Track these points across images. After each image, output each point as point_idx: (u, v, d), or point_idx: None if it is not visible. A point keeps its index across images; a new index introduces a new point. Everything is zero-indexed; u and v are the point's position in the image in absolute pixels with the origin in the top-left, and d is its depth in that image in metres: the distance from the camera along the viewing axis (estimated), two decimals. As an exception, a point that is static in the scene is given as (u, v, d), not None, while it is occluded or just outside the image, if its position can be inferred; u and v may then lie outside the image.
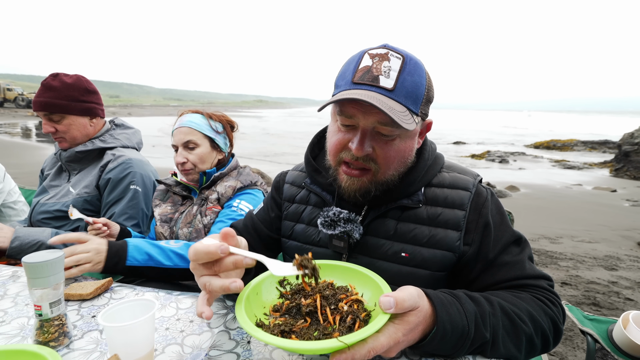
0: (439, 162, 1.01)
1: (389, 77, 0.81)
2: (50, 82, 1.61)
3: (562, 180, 9.41)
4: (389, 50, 0.84)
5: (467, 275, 0.93)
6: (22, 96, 35.04)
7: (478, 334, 0.72)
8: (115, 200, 1.64)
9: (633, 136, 10.69)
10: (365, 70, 0.82)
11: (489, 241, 0.91)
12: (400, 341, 0.64)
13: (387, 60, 0.82)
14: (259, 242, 1.14)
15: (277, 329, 0.66)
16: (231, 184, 1.58)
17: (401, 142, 0.87)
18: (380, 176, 0.89)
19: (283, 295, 0.78)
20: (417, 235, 0.93)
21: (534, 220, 5.65)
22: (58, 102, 1.61)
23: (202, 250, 0.63)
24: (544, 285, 0.89)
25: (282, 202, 1.14)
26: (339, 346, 0.57)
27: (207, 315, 0.64)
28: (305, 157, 1.11)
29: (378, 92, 0.80)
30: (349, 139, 0.86)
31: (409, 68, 0.83)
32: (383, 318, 0.61)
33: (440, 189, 0.96)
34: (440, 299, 0.71)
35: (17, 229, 1.44)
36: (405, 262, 0.92)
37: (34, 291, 0.77)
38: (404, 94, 0.81)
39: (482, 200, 0.95)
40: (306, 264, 0.72)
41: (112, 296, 1.04)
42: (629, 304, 3.13)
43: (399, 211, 0.96)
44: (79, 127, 1.68)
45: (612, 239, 4.91)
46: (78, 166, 1.73)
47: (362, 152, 0.84)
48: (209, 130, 1.59)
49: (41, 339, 0.78)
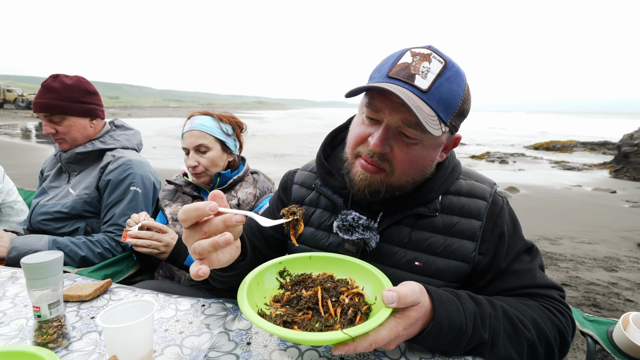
0: (457, 170, 0.99)
1: (425, 78, 0.77)
2: (50, 84, 1.61)
3: (561, 181, 9.41)
4: (432, 52, 0.80)
5: (478, 282, 0.92)
6: (22, 97, 35.05)
7: (476, 334, 0.72)
8: (115, 201, 1.64)
9: (632, 137, 10.70)
10: (403, 66, 0.79)
11: (503, 251, 0.90)
12: (401, 335, 0.65)
13: (427, 61, 0.78)
14: (264, 243, 1.11)
15: (280, 320, 0.67)
16: (251, 191, 1.63)
17: (423, 149, 0.83)
18: (393, 180, 0.86)
19: (283, 286, 0.79)
20: (432, 244, 0.91)
21: (534, 222, 5.65)
22: (58, 103, 1.61)
23: (191, 208, 0.63)
24: (554, 296, 0.88)
25: (290, 204, 1.10)
26: (343, 338, 0.59)
27: (204, 271, 0.62)
28: (317, 157, 1.07)
29: (411, 90, 0.77)
30: (371, 133, 0.83)
31: (448, 74, 0.79)
32: (385, 312, 0.62)
33: (457, 197, 0.94)
34: (440, 295, 0.72)
35: (14, 238, 1.44)
36: (418, 271, 0.91)
37: (32, 292, 0.77)
38: (437, 98, 0.78)
39: (498, 209, 0.93)
40: (294, 210, 0.79)
41: (111, 297, 1.04)
42: (629, 305, 3.13)
43: (414, 219, 0.93)
44: (79, 128, 1.68)
45: (612, 240, 4.91)
46: (78, 167, 1.73)
47: (380, 149, 0.81)
48: (220, 133, 1.60)
49: (40, 340, 0.78)
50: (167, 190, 1.74)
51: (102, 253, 1.56)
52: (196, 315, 0.95)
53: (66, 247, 1.50)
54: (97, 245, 1.56)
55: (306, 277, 0.79)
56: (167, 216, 1.64)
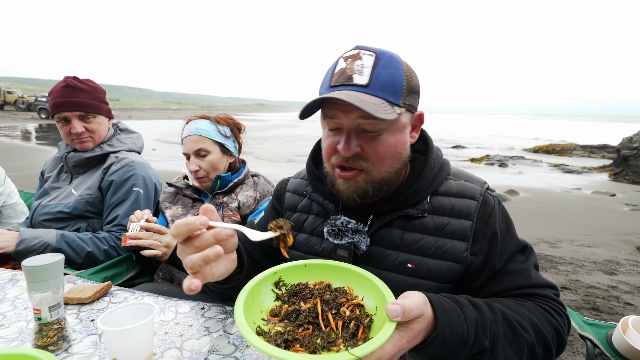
0: (445, 169, 0.99)
1: (362, 74, 0.82)
2: (77, 84, 1.66)
3: (561, 184, 9.41)
4: (360, 50, 0.85)
5: (473, 284, 0.92)
6: (23, 99, 35.08)
7: (477, 342, 0.72)
8: (118, 202, 1.65)
9: (632, 141, 10.73)
10: (340, 72, 0.84)
11: (496, 251, 0.90)
12: (404, 348, 0.64)
13: (359, 59, 0.83)
14: (261, 252, 1.10)
15: (281, 338, 0.64)
16: (251, 194, 1.64)
17: (389, 136, 0.86)
18: (374, 174, 0.88)
19: (279, 298, 0.76)
20: (424, 245, 0.91)
21: (534, 224, 5.65)
22: (92, 102, 1.69)
23: (182, 223, 0.64)
24: (549, 295, 0.89)
25: (284, 211, 1.12)
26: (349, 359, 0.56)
27: (196, 285, 0.62)
28: (307, 164, 1.09)
29: (353, 89, 0.81)
30: (338, 141, 0.86)
31: (382, 62, 0.83)
32: (390, 327, 0.61)
33: (447, 197, 0.95)
34: (441, 304, 0.71)
35: (22, 230, 1.44)
36: (411, 273, 0.91)
37: (33, 295, 0.77)
38: (380, 87, 0.82)
39: (490, 209, 0.93)
40: (281, 224, 0.78)
41: (111, 300, 1.04)
42: (629, 308, 3.12)
43: (405, 220, 0.94)
44: (104, 127, 1.78)
45: (611, 243, 4.91)
46: (83, 170, 1.76)
47: (350, 152, 0.84)
48: (218, 135, 1.61)
49: (40, 342, 0.78)
50: (167, 193, 1.75)
51: (107, 250, 1.57)
52: (196, 318, 0.95)
53: (73, 242, 1.50)
54: (104, 242, 1.57)
55: (303, 287, 0.77)
56: (168, 218, 1.65)
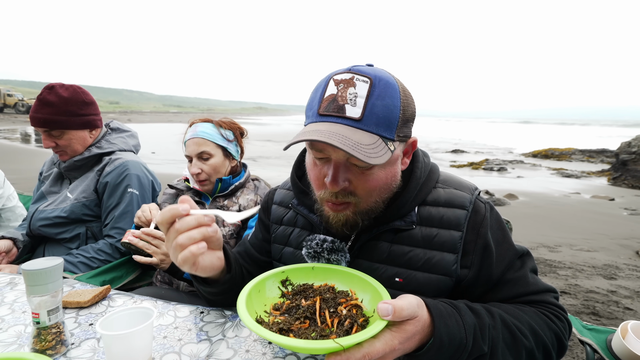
0: (433, 177, 0.95)
1: (355, 105, 0.74)
2: (47, 97, 1.57)
3: (560, 188, 9.42)
4: (354, 75, 0.76)
5: (469, 296, 0.89)
6: (22, 102, 35.12)
7: (476, 347, 0.72)
8: (114, 204, 1.65)
9: (630, 145, 10.76)
10: (331, 99, 0.76)
11: (491, 263, 0.87)
12: (396, 349, 0.64)
13: (352, 87, 0.75)
14: (255, 266, 1.09)
15: (276, 327, 0.68)
16: (252, 197, 1.65)
17: (380, 171, 0.81)
18: (363, 206, 0.84)
19: (284, 295, 0.81)
20: (412, 258, 0.88)
21: (533, 229, 5.65)
22: (57, 118, 1.58)
23: (166, 209, 0.72)
24: (549, 300, 0.88)
25: (270, 224, 1.09)
26: (334, 347, 0.59)
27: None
28: (290, 177, 1.05)
29: (344, 123, 0.74)
30: (326, 173, 0.81)
31: (377, 91, 0.75)
32: (380, 324, 0.62)
33: (436, 207, 0.90)
34: (439, 309, 0.71)
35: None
36: (399, 287, 0.88)
37: (32, 298, 0.77)
38: (374, 121, 0.75)
39: (480, 218, 0.89)
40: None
41: (110, 304, 1.04)
42: (629, 313, 3.12)
43: (392, 233, 0.91)
44: (79, 140, 1.67)
45: (610, 248, 4.91)
46: (78, 173, 1.74)
47: (338, 187, 0.79)
48: (221, 139, 1.62)
49: (38, 347, 0.78)
50: (168, 194, 1.75)
51: (105, 260, 1.59)
52: (195, 323, 0.95)
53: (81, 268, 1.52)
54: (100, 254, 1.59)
55: (307, 287, 0.81)
56: None
